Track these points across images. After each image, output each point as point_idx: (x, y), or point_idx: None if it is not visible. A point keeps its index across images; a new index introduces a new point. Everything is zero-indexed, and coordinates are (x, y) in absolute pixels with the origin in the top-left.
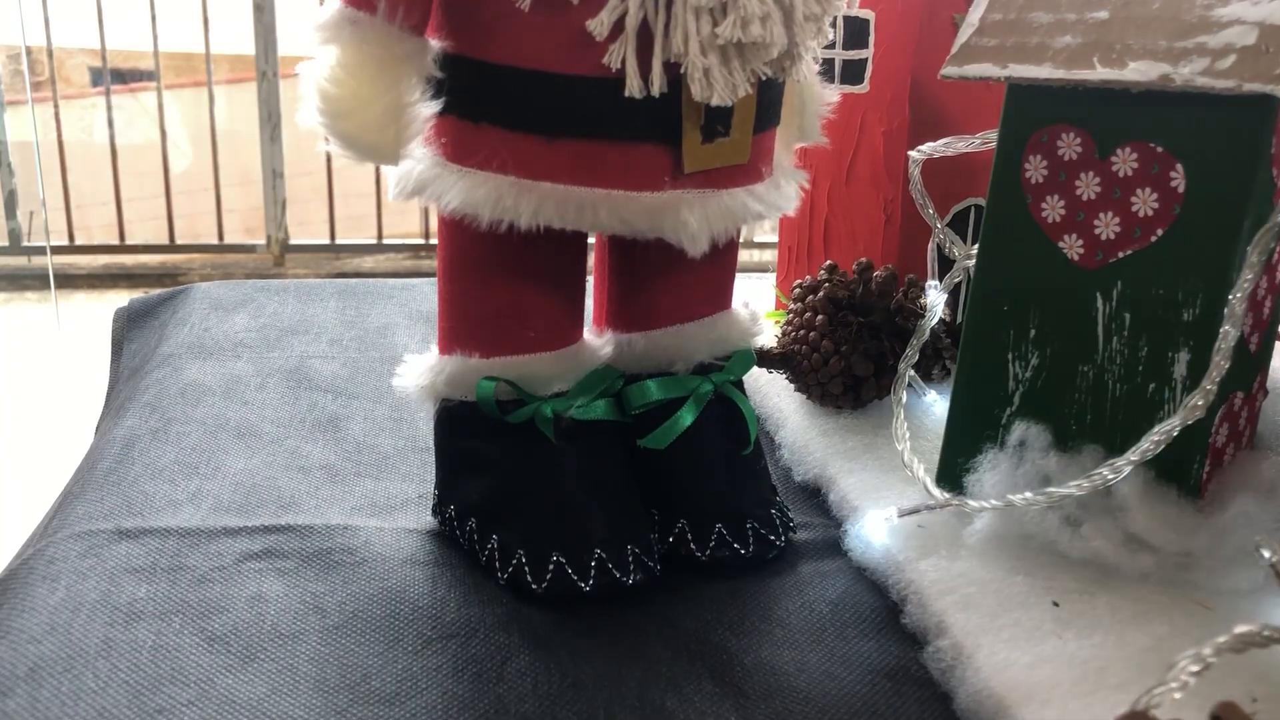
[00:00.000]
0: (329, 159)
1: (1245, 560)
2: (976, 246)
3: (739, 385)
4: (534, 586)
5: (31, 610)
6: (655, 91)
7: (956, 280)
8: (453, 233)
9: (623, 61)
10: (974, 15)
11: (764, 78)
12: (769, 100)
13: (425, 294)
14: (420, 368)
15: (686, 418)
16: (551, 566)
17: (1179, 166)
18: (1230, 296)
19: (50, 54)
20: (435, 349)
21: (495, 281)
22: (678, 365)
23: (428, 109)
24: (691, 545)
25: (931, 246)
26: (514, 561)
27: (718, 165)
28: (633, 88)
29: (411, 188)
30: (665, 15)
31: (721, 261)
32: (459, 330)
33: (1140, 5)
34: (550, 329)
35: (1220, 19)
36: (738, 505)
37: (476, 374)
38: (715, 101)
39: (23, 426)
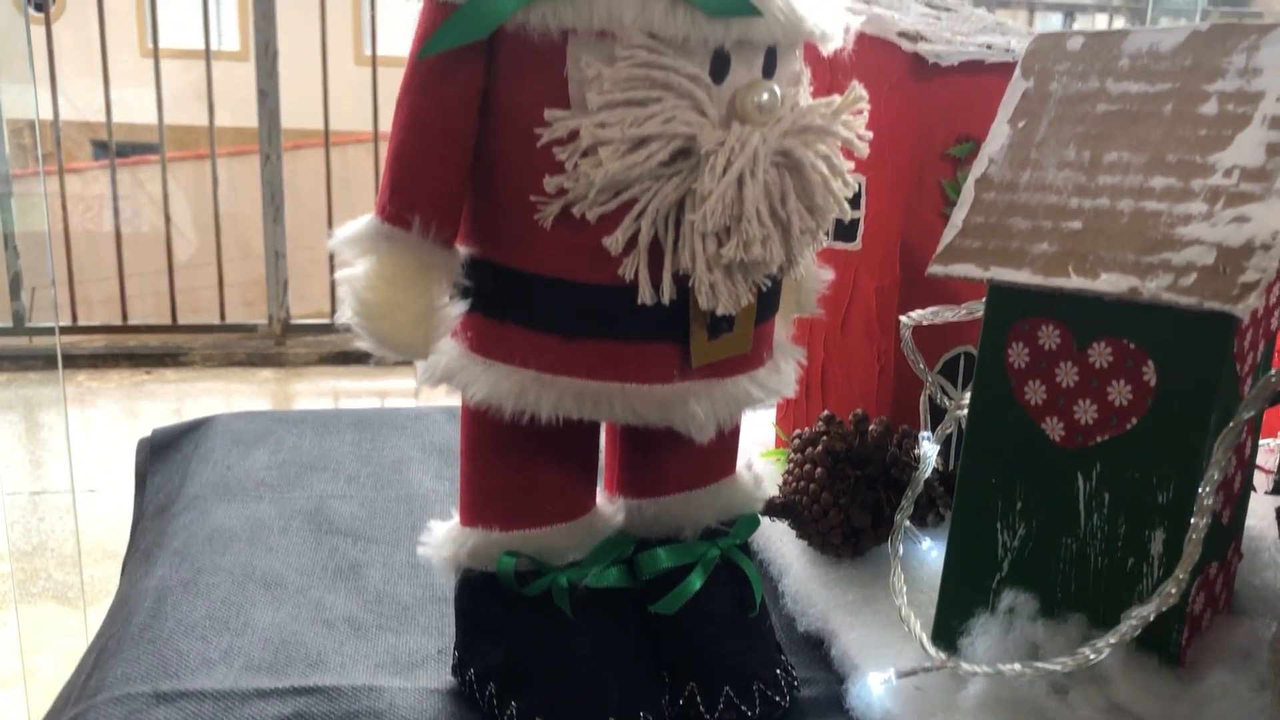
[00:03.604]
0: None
1: None
2: (967, 395)
3: (744, 548)
4: None
5: None
6: (665, 300)
7: (949, 431)
8: (475, 417)
9: (635, 273)
10: (957, 216)
11: (765, 289)
12: (769, 297)
13: (439, 424)
14: (443, 538)
15: (695, 583)
16: None
17: (1150, 362)
18: (1200, 489)
19: (59, 142)
20: (457, 518)
21: (514, 461)
22: (686, 531)
23: (456, 309)
24: (701, 708)
25: (924, 398)
26: None
27: (723, 358)
28: (645, 296)
29: (439, 377)
30: (674, 234)
31: (726, 432)
32: (480, 504)
33: (1110, 219)
34: (566, 502)
35: (1182, 238)
36: (744, 667)
37: (497, 548)
38: (720, 311)
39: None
